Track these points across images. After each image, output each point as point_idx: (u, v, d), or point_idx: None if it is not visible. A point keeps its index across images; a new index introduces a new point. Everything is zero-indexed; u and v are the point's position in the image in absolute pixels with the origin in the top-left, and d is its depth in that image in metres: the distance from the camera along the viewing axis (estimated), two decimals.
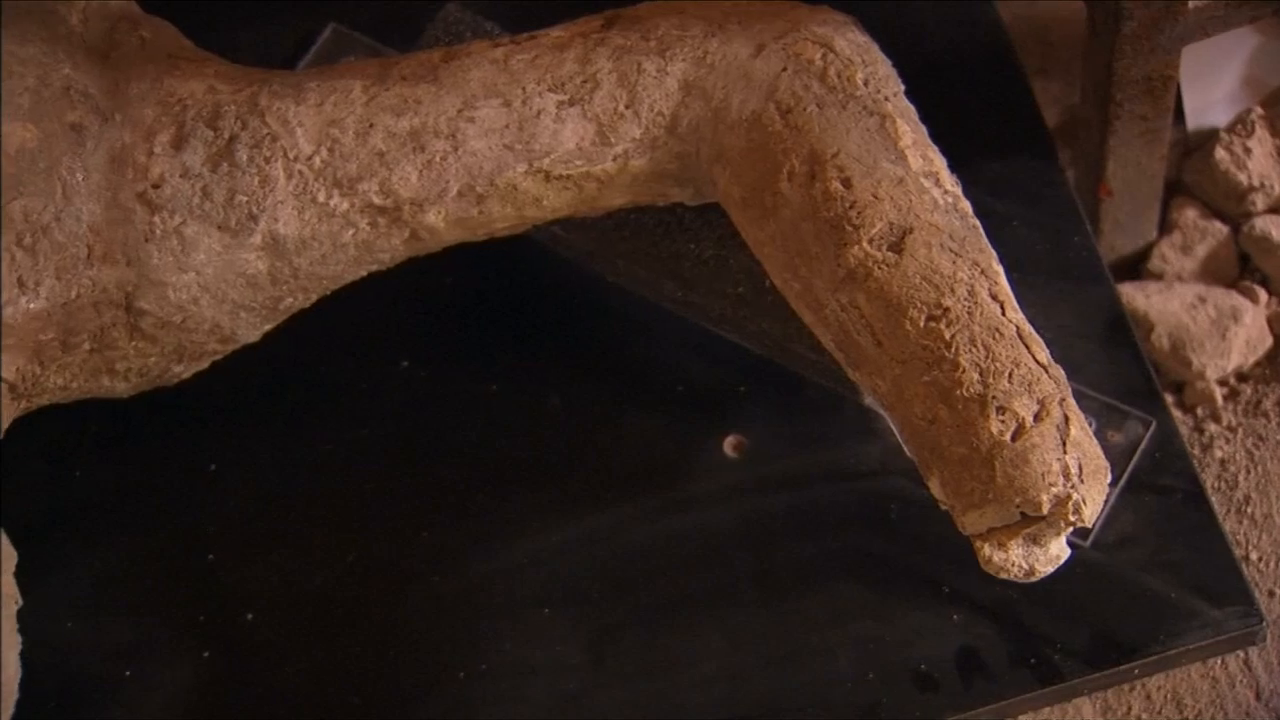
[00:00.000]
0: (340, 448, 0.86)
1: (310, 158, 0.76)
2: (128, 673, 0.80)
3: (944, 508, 0.69)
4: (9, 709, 0.69)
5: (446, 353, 0.89)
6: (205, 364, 0.81)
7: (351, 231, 0.77)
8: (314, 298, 0.80)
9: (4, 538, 0.72)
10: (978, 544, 0.67)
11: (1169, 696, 0.89)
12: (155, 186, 0.75)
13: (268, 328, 0.80)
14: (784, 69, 0.75)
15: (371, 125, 0.76)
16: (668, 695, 0.78)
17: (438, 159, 0.77)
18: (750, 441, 0.84)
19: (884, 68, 0.76)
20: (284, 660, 0.80)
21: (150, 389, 0.80)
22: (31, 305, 0.74)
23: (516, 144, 0.76)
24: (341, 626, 0.81)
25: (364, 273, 0.80)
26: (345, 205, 0.77)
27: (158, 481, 0.85)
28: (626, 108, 0.76)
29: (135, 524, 0.84)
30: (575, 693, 0.79)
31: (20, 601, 0.71)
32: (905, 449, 0.72)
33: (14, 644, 0.70)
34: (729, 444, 0.84)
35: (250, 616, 0.81)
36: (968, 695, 0.76)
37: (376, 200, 0.77)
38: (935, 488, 0.69)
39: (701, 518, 0.82)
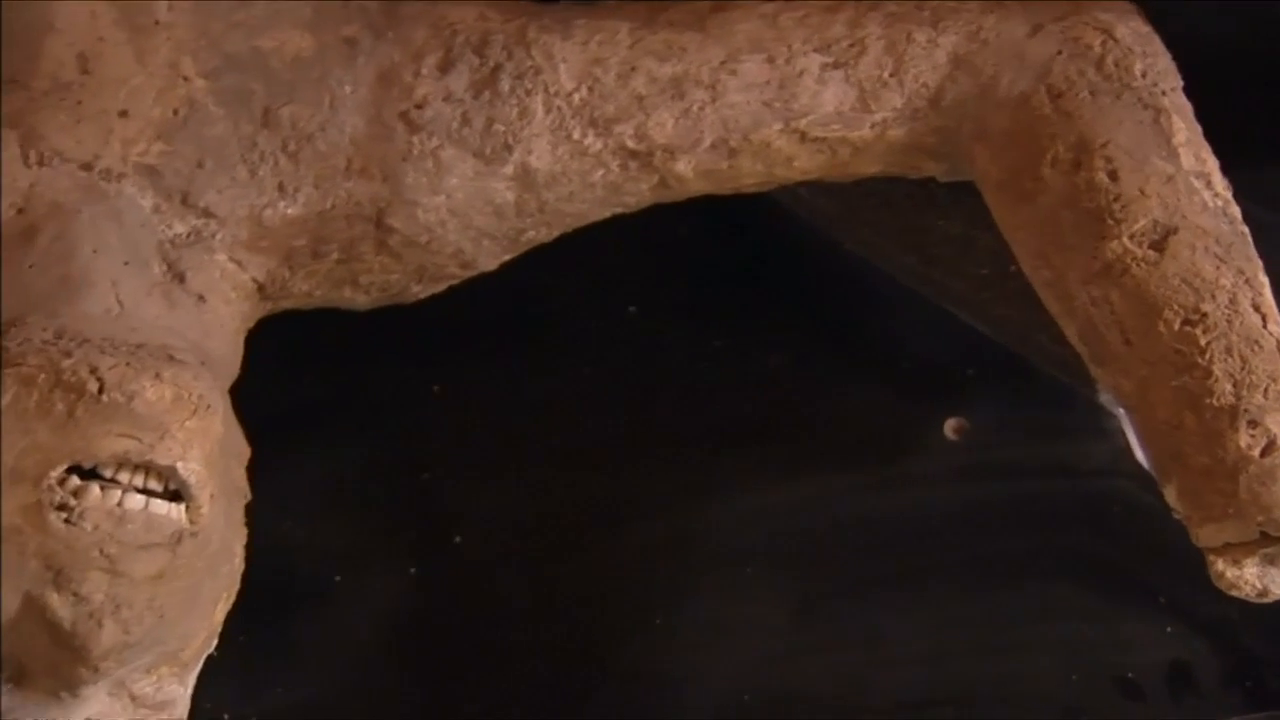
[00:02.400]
0: (562, 384, 0.87)
1: (570, 94, 0.77)
2: (337, 578, 0.82)
3: (1178, 517, 0.67)
4: (231, 598, 0.71)
5: (674, 303, 0.89)
6: (442, 287, 0.82)
7: (601, 172, 0.78)
8: (556, 233, 0.81)
9: (240, 433, 0.74)
10: (1211, 558, 0.66)
11: None
12: (418, 107, 0.76)
13: (507, 258, 0.81)
14: (1059, 51, 0.74)
15: (634, 68, 0.77)
16: (864, 670, 0.78)
17: (695, 108, 0.77)
18: (973, 426, 0.83)
19: (1164, 60, 0.74)
20: (487, 586, 0.82)
21: (388, 304, 0.82)
22: (289, 210, 0.76)
23: (775, 101, 0.76)
24: (547, 560, 0.82)
25: (608, 214, 0.81)
26: (599, 145, 0.77)
27: (384, 396, 0.86)
28: (891, 76, 0.75)
29: (358, 435, 0.86)
30: (771, 655, 0.79)
31: (249, 497, 0.73)
32: (1139, 453, 0.70)
33: (241, 537, 0.72)
34: (950, 426, 0.83)
35: (458, 539, 0.83)
36: (1175, 709, 0.75)
37: (630, 144, 0.77)
38: (1171, 496, 0.67)
39: (916, 497, 0.81)
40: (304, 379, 0.87)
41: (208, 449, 0.66)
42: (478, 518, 0.83)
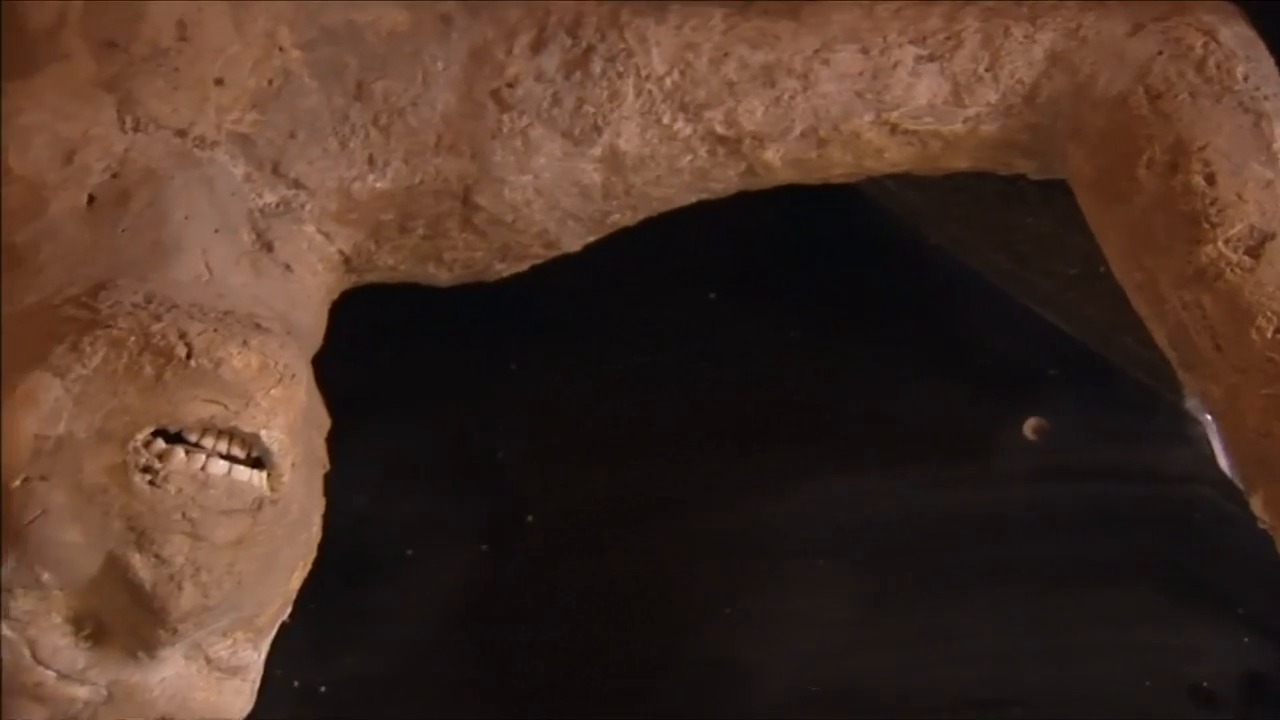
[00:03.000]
0: (639, 368, 0.87)
1: (662, 78, 0.76)
2: (409, 552, 0.82)
3: (1263, 526, 0.66)
4: (308, 567, 0.72)
5: (755, 291, 0.89)
6: (525, 266, 0.82)
7: (689, 157, 0.78)
8: (641, 217, 0.81)
9: (321, 404, 0.74)
10: None
11: None
12: (509, 86, 0.76)
13: (591, 239, 0.81)
14: (1160, 52, 0.73)
15: (726, 54, 0.76)
16: (932, 666, 0.78)
17: (786, 97, 0.76)
18: (1053, 426, 0.82)
19: (1267, 65, 0.73)
20: (557, 567, 0.82)
21: (470, 282, 0.82)
22: (377, 185, 0.76)
23: (868, 92, 0.76)
24: (617, 544, 0.82)
25: (693, 199, 0.80)
26: (688, 130, 0.77)
27: (461, 373, 0.87)
28: (986, 70, 0.75)
29: (434, 410, 0.86)
30: (840, 648, 0.78)
31: (328, 467, 0.74)
32: (1224, 460, 0.70)
33: (319, 506, 0.72)
34: (1030, 426, 0.83)
35: (530, 519, 0.83)
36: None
37: (719, 130, 0.77)
38: (1258, 505, 0.66)
39: (991, 495, 0.81)
40: (383, 352, 0.87)
41: (291, 418, 0.67)
42: (550, 498, 0.84)
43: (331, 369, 0.76)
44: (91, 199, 0.71)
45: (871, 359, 0.85)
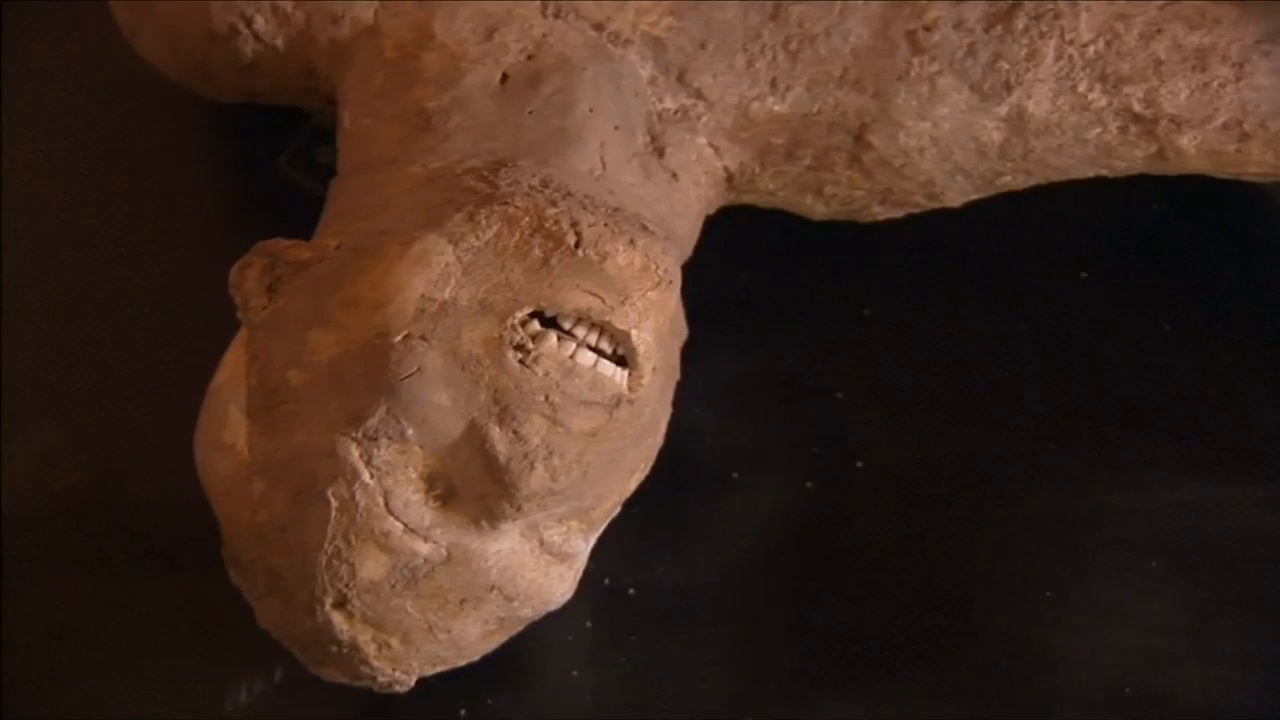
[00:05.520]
0: (995, 335, 0.84)
1: (1085, 45, 0.74)
2: (735, 475, 0.82)
3: None
4: (646, 471, 0.72)
5: (1129, 278, 0.85)
6: (902, 213, 0.81)
7: (1098, 130, 0.75)
8: (1032, 183, 0.79)
9: (682, 314, 0.74)
10: None
11: None
12: (926, 29, 0.75)
13: (975, 197, 0.80)
14: None
15: (1159, 30, 0.73)
16: (1254, 691, 0.74)
17: (1215, 84, 0.73)
18: None
19: None
20: (879, 519, 0.81)
21: (843, 219, 0.82)
22: (775, 107, 0.76)
23: None
24: (944, 507, 0.80)
25: (1090, 173, 0.78)
26: (1103, 102, 0.74)
27: (815, 308, 0.86)
28: None
29: (782, 341, 0.86)
30: (1159, 655, 0.76)
31: (679, 377, 0.74)
32: None
33: (667, 415, 0.73)
34: None
35: (859, 465, 0.82)
36: None
37: (1136, 107, 0.74)
38: None
39: None
40: (744, 275, 0.87)
41: (660, 322, 0.67)
42: (884, 449, 0.82)
43: (693, 283, 0.76)
44: (505, 77, 0.73)
45: (1244, 366, 0.81)
